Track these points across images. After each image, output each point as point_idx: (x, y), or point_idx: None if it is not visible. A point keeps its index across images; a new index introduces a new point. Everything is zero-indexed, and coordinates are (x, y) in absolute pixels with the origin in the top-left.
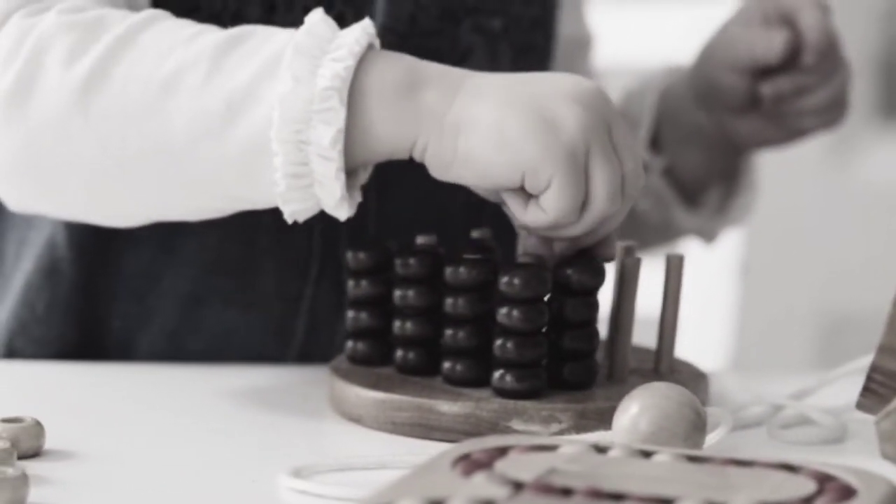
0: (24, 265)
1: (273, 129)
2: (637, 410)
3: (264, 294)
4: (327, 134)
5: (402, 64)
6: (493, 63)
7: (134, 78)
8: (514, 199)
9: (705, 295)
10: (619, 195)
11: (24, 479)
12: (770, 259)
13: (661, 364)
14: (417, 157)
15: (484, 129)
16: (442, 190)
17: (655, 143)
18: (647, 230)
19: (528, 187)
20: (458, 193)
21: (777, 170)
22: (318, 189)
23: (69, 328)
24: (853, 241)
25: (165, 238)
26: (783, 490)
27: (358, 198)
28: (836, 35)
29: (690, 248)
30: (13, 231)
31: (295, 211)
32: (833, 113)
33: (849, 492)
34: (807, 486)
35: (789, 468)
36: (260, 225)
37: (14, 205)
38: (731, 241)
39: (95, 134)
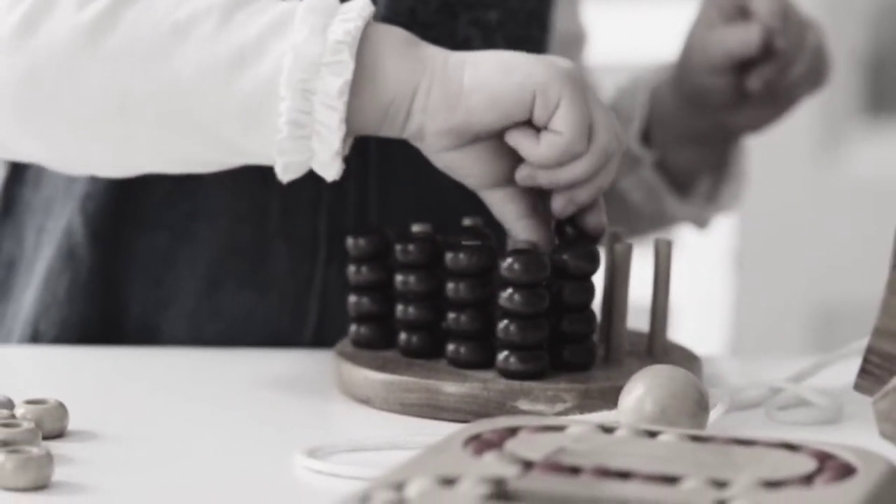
0: (45, 251)
1: (283, 75)
2: (642, 392)
3: (277, 276)
4: (335, 84)
5: (401, 30)
6: None
7: (145, 21)
8: (524, 134)
9: (702, 285)
10: (615, 135)
11: (48, 458)
12: (764, 251)
13: (655, 346)
14: (419, 106)
15: (491, 61)
16: (442, 178)
17: (646, 138)
18: (641, 220)
19: (537, 110)
20: (457, 185)
21: (769, 165)
22: (315, 142)
23: (90, 312)
24: (843, 233)
25: (179, 223)
26: (784, 468)
27: (342, 165)
28: (789, 2)
29: (687, 240)
30: (32, 219)
31: (287, 165)
32: (818, 72)
33: (848, 470)
34: (807, 465)
35: (790, 447)
36: (269, 210)
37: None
38: (726, 233)
39: (101, 72)
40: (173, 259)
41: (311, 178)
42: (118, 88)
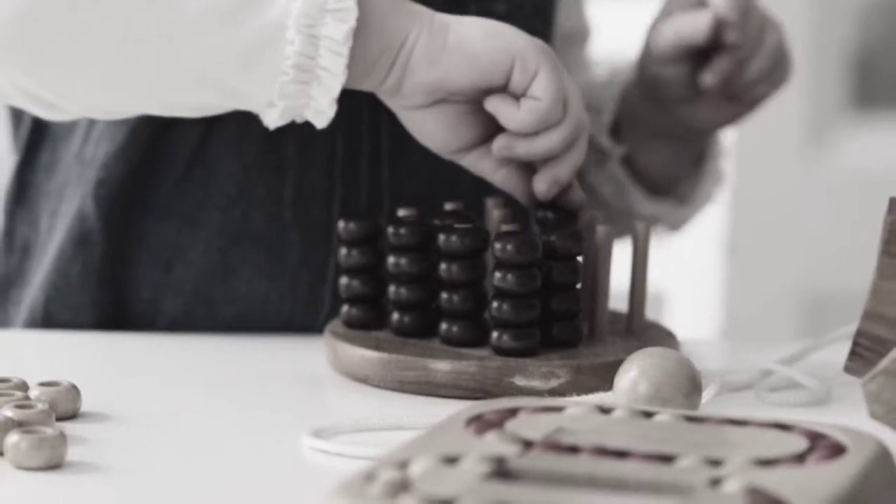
0: (57, 235)
1: (291, 18)
2: (636, 373)
3: (291, 264)
4: (341, 30)
5: None
6: None
7: None
8: (503, 100)
9: (695, 272)
10: (584, 111)
11: (62, 438)
12: (755, 240)
13: (634, 324)
14: (402, 60)
15: (475, 24)
16: (452, 168)
17: (616, 133)
18: (612, 216)
19: (516, 74)
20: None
21: (761, 156)
22: (315, 88)
23: (102, 295)
24: (832, 223)
25: (192, 211)
26: (777, 447)
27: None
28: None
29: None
30: (46, 204)
31: (285, 109)
32: (778, 72)
33: (839, 449)
34: (799, 444)
35: (782, 427)
36: (282, 198)
37: None
38: (718, 221)
39: (104, 6)
40: (186, 245)
41: (325, 166)
42: (121, 24)
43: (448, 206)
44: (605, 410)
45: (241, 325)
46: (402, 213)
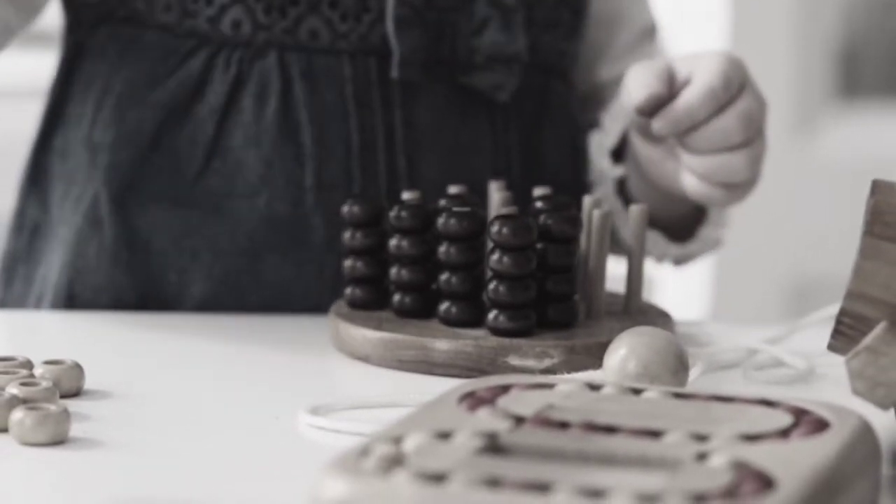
0: (72, 218)
1: None
2: (626, 351)
3: (314, 249)
4: None
5: None
6: (507, 33)
7: None
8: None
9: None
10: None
11: (65, 415)
12: (742, 226)
13: (630, 305)
14: None
15: None
16: (469, 147)
17: (617, 158)
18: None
19: None
20: (483, 154)
21: None
22: None
23: (121, 278)
24: (817, 210)
25: (216, 202)
26: (762, 423)
27: None
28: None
29: None
30: (58, 187)
31: None
32: (741, 141)
33: (823, 424)
34: (784, 419)
35: (767, 403)
36: (303, 185)
37: None
38: None
39: None
40: (212, 234)
41: (343, 153)
42: None
43: (452, 190)
44: (594, 387)
45: (269, 309)
46: (405, 195)
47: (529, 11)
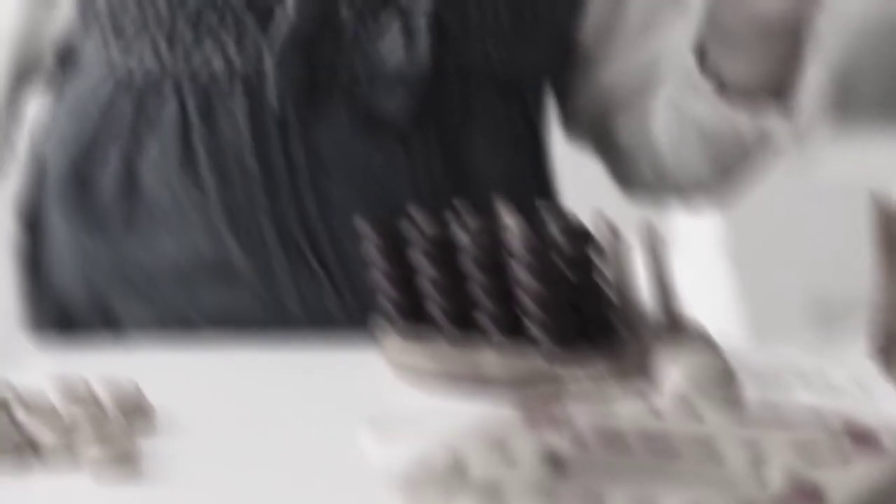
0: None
1: None
2: (677, 369)
3: (241, 273)
4: None
5: None
6: (408, 52)
7: None
8: None
9: (700, 278)
10: None
11: (136, 451)
12: (753, 247)
13: (672, 323)
14: None
15: None
16: (382, 175)
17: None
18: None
19: None
20: (399, 174)
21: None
22: None
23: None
24: (812, 229)
25: (143, 230)
26: (816, 441)
27: None
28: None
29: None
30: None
31: None
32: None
33: (875, 441)
34: (837, 436)
35: (821, 420)
36: (212, 220)
37: None
38: (717, 231)
39: None
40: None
41: (244, 186)
42: None
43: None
44: (649, 404)
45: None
46: (419, 219)
47: (438, 18)
